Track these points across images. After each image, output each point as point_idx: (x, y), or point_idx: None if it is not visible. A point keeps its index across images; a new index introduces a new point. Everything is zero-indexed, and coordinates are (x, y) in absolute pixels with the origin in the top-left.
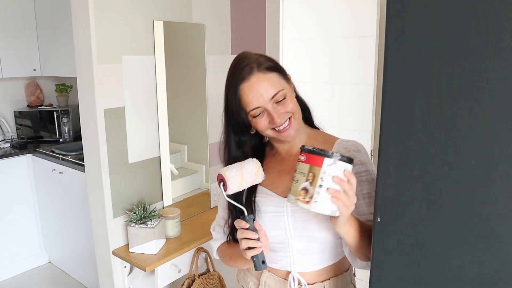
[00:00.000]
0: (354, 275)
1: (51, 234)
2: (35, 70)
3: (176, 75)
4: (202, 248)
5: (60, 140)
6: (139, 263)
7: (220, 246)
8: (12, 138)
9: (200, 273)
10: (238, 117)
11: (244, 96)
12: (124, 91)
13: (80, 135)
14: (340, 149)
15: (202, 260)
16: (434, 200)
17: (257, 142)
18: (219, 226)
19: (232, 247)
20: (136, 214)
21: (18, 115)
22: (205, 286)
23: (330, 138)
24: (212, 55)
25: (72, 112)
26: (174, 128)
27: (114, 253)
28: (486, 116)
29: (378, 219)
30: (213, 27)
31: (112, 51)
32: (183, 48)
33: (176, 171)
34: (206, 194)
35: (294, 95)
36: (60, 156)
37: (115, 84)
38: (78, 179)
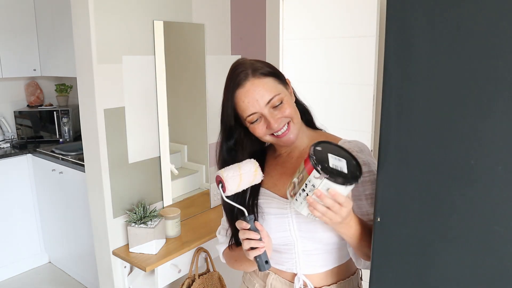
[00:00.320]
0: (361, 278)
1: (51, 234)
2: (35, 70)
3: (176, 75)
4: (202, 248)
5: (60, 140)
6: (139, 263)
7: (225, 249)
8: (12, 138)
9: (200, 273)
10: (233, 125)
11: (240, 102)
12: (124, 91)
13: (80, 135)
14: None
15: (202, 260)
16: (434, 200)
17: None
18: (224, 230)
19: (236, 249)
20: (136, 214)
21: (18, 115)
22: (205, 286)
23: (332, 139)
24: (212, 55)
25: (72, 112)
26: (174, 128)
27: (114, 253)
28: (486, 116)
29: (378, 219)
30: (213, 27)
31: (112, 51)
32: (183, 48)
33: (176, 171)
34: (206, 194)
35: (293, 100)
36: (60, 156)
37: (115, 84)
38: (78, 179)
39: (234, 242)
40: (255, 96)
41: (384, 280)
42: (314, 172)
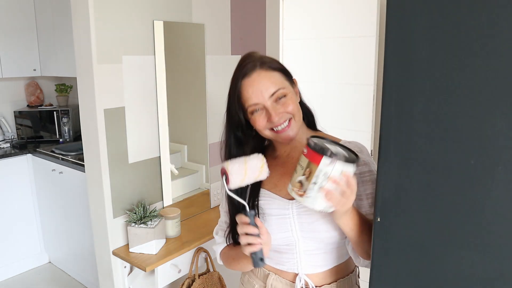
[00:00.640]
0: (359, 276)
1: (51, 234)
2: (35, 70)
3: (176, 75)
4: (202, 248)
5: (60, 140)
6: (139, 263)
7: (223, 249)
8: (12, 138)
9: (200, 273)
10: (238, 114)
11: (244, 92)
12: (124, 91)
13: (80, 135)
14: None
15: (202, 260)
16: (434, 200)
17: (257, 145)
18: (221, 231)
19: (234, 248)
20: (136, 214)
21: (18, 115)
22: (205, 286)
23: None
24: (212, 55)
25: (72, 112)
26: (174, 128)
27: (114, 253)
28: (486, 116)
29: (378, 219)
30: (213, 27)
31: (112, 51)
32: (183, 48)
33: (176, 171)
34: (206, 194)
35: (298, 99)
36: (60, 156)
37: (115, 84)
38: (78, 179)
39: (233, 241)
40: (260, 87)
41: (384, 280)
42: (324, 160)
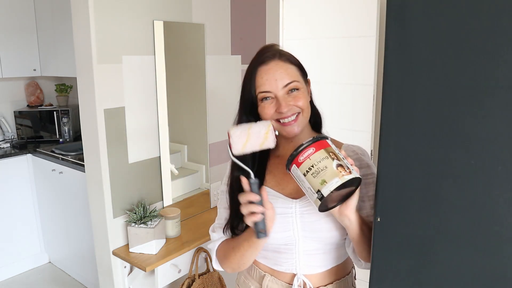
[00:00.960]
0: (355, 278)
1: (51, 234)
2: (35, 70)
3: (176, 75)
4: (202, 248)
5: (60, 140)
6: (139, 263)
7: (220, 244)
8: (12, 138)
9: (200, 273)
10: (252, 101)
11: (258, 78)
12: (124, 91)
13: (80, 135)
14: (348, 152)
15: (202, 260)
16: (434, 200)
17: None
18: (219, 228)
19: (233, 239)
20: (136, 214)
21: (18, 115)
22: (205, 286)
23: (335, 143)
24: (212, 55)
25: (72, 112)
26: (174, 128)
27: (114, 253)
28: (486, 116)
29: (378, 219)
30: (213, 27)
31: (112, 51)
32: (183, 48)
33: (176, 171)
34: (206, 194)
35: (309, 97)
36: (60, 156)
37: (115, 84)
38: (78, 179)
39: (231, 235)
40: (275, 75)
41: (384, 280)
42: (328, 140)
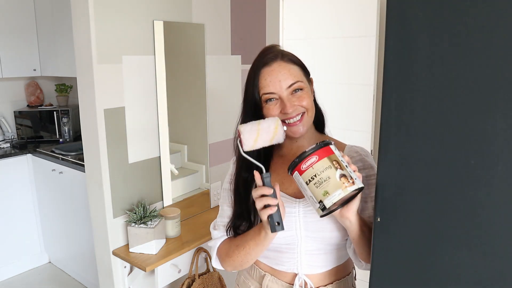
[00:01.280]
0: (355, 278)
1: (51, 234)
2: (35, 70)
3: (176, 75)
4: (202, 248)
5: (60, 140)
6: (139, 263)
7: (222, 243)
8: (12, 138)
9: (200, 273)
10: (255, 102)
11: (262, 80)
12: (124, 91)
13: (80, 135)
14: (351, 153)
15: (202, 260)
16: (434, 200)
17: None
18: (222, 226)
19: (237, 238)
20: (136, 214)
21: (18, 115)
22: (205, 286)
23: (338, 144)
24: (212, 55)
25: (72, 112)
26: (174, 128)
27: (114, 253)
28: (486, 115)
29: (378, 219)
30: (213, 27)
31: (112, 51)
32: (183, 48)
33: (176, 171)
34: (206, 194)
35: (312, 97)
36: (60, 156)
37: (115, 84)
38: (78, 179)
39: (234, 234)
40: (279, 77)
41: (384, 280)
42: (331, 146)
